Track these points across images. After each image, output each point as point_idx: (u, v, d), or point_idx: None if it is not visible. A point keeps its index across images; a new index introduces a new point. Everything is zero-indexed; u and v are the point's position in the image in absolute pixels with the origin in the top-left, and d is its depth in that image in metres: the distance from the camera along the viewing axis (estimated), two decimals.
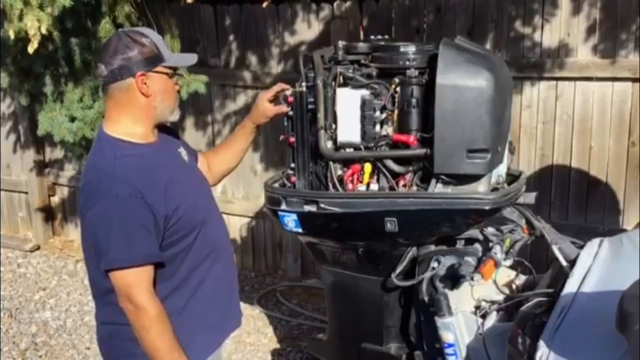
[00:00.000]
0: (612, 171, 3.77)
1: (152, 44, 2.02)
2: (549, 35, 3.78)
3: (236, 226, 4.85)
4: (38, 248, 5.53)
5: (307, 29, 4.38)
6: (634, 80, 3.61)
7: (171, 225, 2.00)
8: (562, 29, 3.75)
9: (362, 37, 4.17)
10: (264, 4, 4.41)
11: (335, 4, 4.32)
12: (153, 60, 2.01)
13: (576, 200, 3.88)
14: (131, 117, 2.04)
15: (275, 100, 2.40)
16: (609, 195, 3.80)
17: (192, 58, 2.18)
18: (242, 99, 4.69)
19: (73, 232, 5.64)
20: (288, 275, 4.78)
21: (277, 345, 3.99)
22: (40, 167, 5.50)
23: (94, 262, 2.02)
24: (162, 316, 1.96)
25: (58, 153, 5.42)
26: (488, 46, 3.85)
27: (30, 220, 5.68)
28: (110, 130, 2.06)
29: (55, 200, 5.65)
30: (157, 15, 3.72)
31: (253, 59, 4.58)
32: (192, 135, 4.83)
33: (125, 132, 2.04)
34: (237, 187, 4.80)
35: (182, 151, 2.24)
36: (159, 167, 2.07)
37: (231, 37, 4.62)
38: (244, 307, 2.45)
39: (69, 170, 5.44)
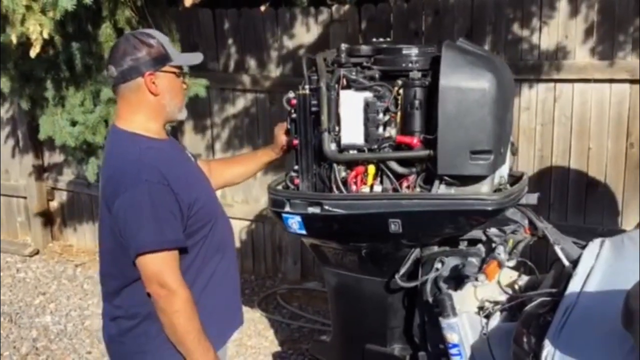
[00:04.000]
0: (611, 172, 3.79)
1: (159, 44, 2.07)
2: (546, 37, 3.81)
3: (236, 229, 4.83)
4: (37, 253, 5.53)
5: (305, 32, 4.40)
6: (631, 81, 3.64)
7: (193, 214, 2.05)
8: (560, 31, 3.77)
9: (360, 40, 4.19)
10: (263, 8, 4.44)
11: (333, 8, 4.34)
12: (161, 59, 2.06)
13: (575, 201, 3.90)
14: (143, 116, 2.09)
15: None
16: (607, 196, 3.83)
17: (198, 57, 2.24)
18: (241, 103, 4.70)
19: (72, 237, 5.63)
20: (288, 278, 4.79)
21: (278, 348, 4.00)
22: (39, 171, 5.50)
23: (115, 253, 2.05)
24: (191, 300, 1.99)
25: (57, 157, 5.41)
26: (486, 49, 3.87)
27: (29, 225, 5.68)
28: (123, 125, 2.10)
29: (54, 204, 5.64)
30: (157, 19, 3.73)
31: (252, 63, 4.60)
32: (191, 139, 4.84)
33: (139, 128, 2.09)
34: (237, 190, 4.80)
35: (188, 153, 2.30)
36: (177, 160, 2.15)
37: (230, 41, 4.64)
38: (244, 310, 2.47)
39: (68, 175, 5.44)
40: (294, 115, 2.37)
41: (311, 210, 2.32)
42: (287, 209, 2.38)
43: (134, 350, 2.11)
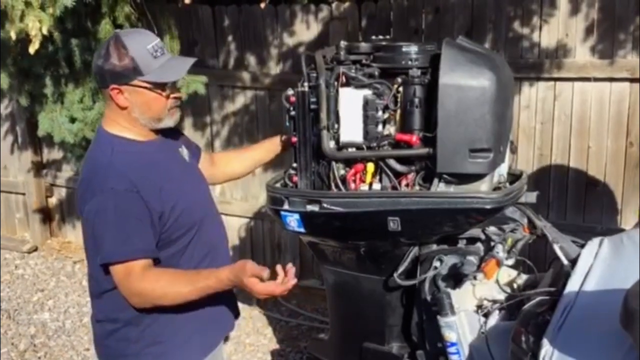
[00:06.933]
0: (610, 171, 3.79)
1: (131, 57, 1.94)
2: (547, 35, 3.80)
3: (235, 227, 4.85)
4: (36, 249, 5.52)
5: (305, 29, 4.39)
6: (631, 80, 3.63)
7: (168, 224, 2.00)
8: (560, 29, 3.76)
9: (360, 38, 4.18)
10: (262, 5, 4.42)
11: (333, 5, 4.32)
12: (126, 74, 1.95)
13: (574, 200, 3.90)
14: (122, 120, 2.04)
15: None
16: (606, 195, 3.82)
17: (180, 70, 2.04)
18: (240, 100, 4.69)
19: (71, 233, 5.62)
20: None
21: (277, 346, 4.00)
22: (38, 168, 5.49)
23: (93, 258, 2.02)
24: (163, 278, 1.94)
25: (56, 154, 5.41)
26: (486, 46, 3.86)
27: (27, 221, 5.67)
28: (108, 127, 2.07)
29: (53, 201, 5.63)
30: (157, 15, 3.72)
31: (252, 60, 4.59)
32: (190, 136, 4.81)
33: (122, 130, 2.05)
34: (236, 188, 4.80)
35: (183, 150, 2.25)
36: (157, 165, 2.07)
37: (230, 38, 4.63)
38: (242, 307, 2.46)
39: (67, 172, 5.43)
40: (292, 113, 2.36)
41: (310, 208, 2.32)
42: (286, 206, 2.37)
43: (117, 354, 2.10)
